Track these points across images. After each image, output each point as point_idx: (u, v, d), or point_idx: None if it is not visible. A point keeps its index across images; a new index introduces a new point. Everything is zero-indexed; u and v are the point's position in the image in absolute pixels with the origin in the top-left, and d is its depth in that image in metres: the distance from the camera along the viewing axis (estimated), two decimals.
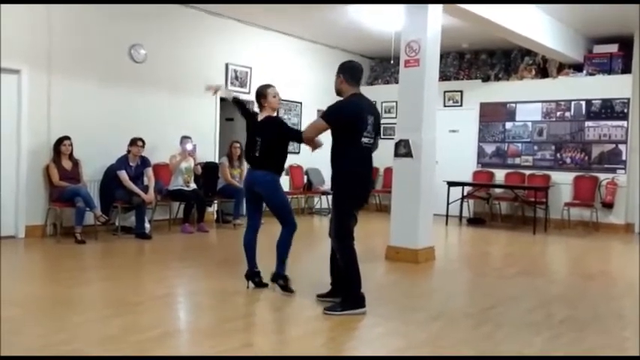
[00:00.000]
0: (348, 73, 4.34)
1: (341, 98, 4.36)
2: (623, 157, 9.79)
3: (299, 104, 10.87)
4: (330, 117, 4.24)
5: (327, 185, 10.78)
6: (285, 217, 4.77)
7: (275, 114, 4.96)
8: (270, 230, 5.13)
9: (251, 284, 4.93)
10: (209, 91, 5.64)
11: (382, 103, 11.98)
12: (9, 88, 6.97)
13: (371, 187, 4.57)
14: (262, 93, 4.88)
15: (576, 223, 10.06)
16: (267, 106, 4.87)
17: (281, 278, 4.76)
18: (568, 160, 10.29)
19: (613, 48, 10.05)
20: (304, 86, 10.69)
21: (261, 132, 4.75)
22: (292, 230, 4.75)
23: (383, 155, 9.45)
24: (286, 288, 4.73)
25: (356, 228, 4.46)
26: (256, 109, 5.02)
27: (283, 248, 4.76)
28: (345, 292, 4.30)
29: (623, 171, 9.78)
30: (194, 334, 3.89)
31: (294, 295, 4.69)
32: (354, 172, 4.26)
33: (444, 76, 10.93)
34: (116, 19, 7.96)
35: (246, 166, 9.49)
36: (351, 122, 4.20)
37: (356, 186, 4.30)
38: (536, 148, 10.61)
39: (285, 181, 10.23)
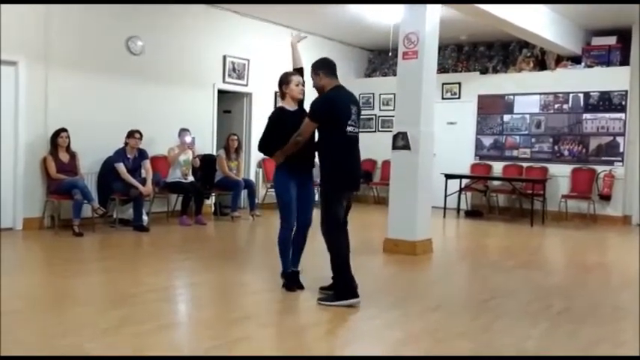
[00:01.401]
0: (326, 67, 4.41)
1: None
2: (621, 150, 9.79)
3: None
4: (316, 114, 4.27)
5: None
6: (279, 212, 4.61)
7: (295, 104, 4.62)
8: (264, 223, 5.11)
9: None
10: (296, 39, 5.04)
11: (380, 95, 12.00)
12: (6, 80, 6.94)
13: (360, 174, 4.56)
14: (285, 80, 4.58)
15: (574, 216, 10.08)
16: (288, 95, 4.57)
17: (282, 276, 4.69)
18: (566, 153, 10.30)
19: (611, 40, 10.04)
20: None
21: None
22: (281, 228, 4.56)
23: (381, 148, 9.43)
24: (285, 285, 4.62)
25: (354, 220, 4.47)
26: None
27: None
28: (335, 283, 4.31)
29: (620, 163, 9.79)
30: (192, 326, 3.89)
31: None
32: (340, 161, 4.29)
33: (442, 69, 10.90)
34: (114, 11, 7.91)
35: (243, 158, 9.55)
36: (336, 114, 4.25)
37: (343, 175, 4.32)
38: (534, 140, 10.61)
39: None
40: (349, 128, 4.28)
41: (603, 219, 9.79)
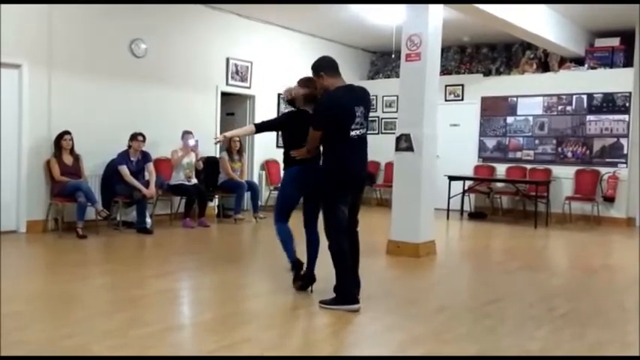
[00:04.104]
0: (327, 66, 4.24)
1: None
2: (625, 151, 9.77)
3: None
4: (317, 124, 4.18)
5: None
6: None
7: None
8: (267, 225, 5.10)
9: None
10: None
11: (383, 97, 11.99)
12: (10, 84, 6.96)
13: (362, 175, 4.37)
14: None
15: (578, 217, 10.05)
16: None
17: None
18: (569, 154, 10.27)
19: (614, 42, 10.02)
20: None
21: (308, 123, 4.35)
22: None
23: (384, 150, 9.45)
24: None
25: None
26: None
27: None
28: (337, 286, 4.20)
29: (624, 165, 9.77)
30: (196, 328, 3.89)
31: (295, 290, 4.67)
32: (340, 164, 4.16)
33: (445, 70, 10.89)
34: (117, 13, 7.93)
35: (246, 160, 9.55)
36: (338, 118, 4.11)
37: (342, 177, 4.17)
38: (537, 142, 10.59)
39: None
40: (353, 132, 4.12)
41: (607, 221, 9.76)
